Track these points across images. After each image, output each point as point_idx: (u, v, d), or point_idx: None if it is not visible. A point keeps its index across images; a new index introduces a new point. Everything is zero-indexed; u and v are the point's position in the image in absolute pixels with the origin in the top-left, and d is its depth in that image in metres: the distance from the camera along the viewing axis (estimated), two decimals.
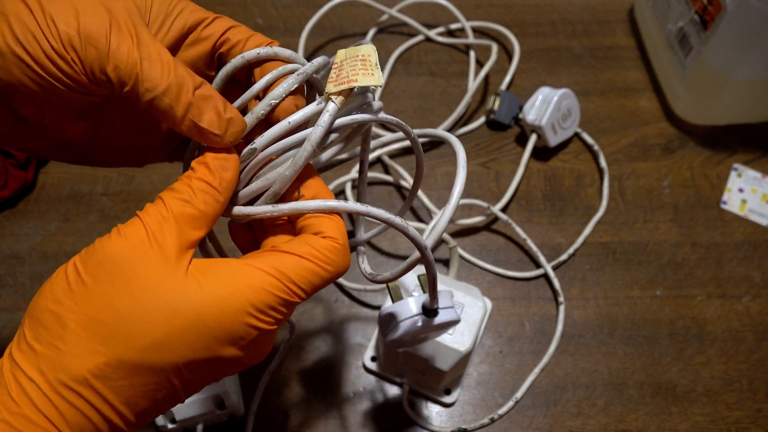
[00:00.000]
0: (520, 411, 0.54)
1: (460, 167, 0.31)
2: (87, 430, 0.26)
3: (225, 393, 0.48)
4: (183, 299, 0.26)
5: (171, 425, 0.48)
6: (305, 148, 0.29)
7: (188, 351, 0.26)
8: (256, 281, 0.27)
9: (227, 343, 0.27)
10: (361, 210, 0.29)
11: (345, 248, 0.29)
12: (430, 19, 0.74)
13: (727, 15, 0.57)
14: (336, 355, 0.55)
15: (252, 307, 0.27)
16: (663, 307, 0.58)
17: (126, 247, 0.26)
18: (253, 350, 0.28)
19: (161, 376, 0.26)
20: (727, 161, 0.65)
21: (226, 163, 0.29)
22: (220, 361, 0.27)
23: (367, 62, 0.29)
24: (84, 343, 0.25)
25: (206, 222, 0.28)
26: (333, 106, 0.29)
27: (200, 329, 0.26)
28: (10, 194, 0.61)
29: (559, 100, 0.63)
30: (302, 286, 0.28)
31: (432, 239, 0.31)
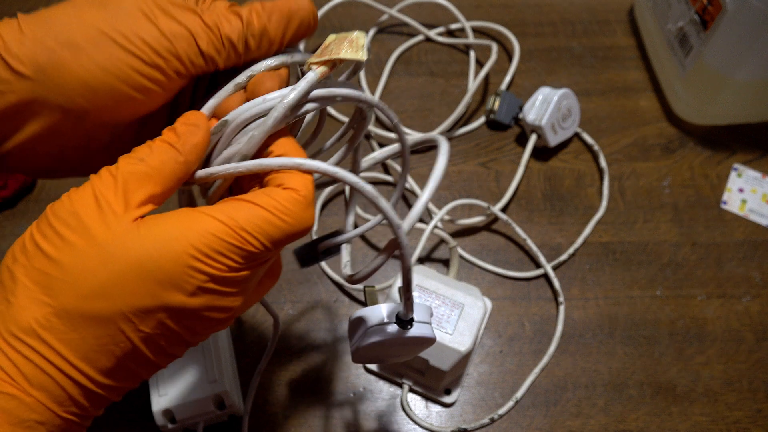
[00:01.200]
0: (520, 411, 0.54)
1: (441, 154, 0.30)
2: (49, 385, 0.26)
3: (225, 393, 0.48)
4: (121, 245, 0.26)
5: (171, 425, 0.48)
6: (277, 108, 0.29)
7: (131, 297, 0.26)
8: (201, 225, 0.27)
9: (171, 288, 0.26)
10: (329, 170, 0.28)
11: (306, 200, 0.29)
12: (430, 19, 0.74)
13: (727, 15, 0.57)
14: (336, 355, 0.55)
15: (195, 250, 0.26)
16: (663, 307, 0.58)
17: (71, 204, 0.27)
18: (211, 301, 0.28)
19: (111, 328, 0.26)
20: (727, 161, 0.65)
21: (194, 128, 0.29)
22: (173, 312, 0.27)
23: (354, 42, 0.29)
24: (30, 294, 0.26)
25: (161, 180, 0.28)
26: (312, 74, 0.29)
27: (139, 273, 0.26)
28: (10, 194, 0.61)
29: (559, 100, 0.63)
30: (256, 235, 0.27)
31: (408, 222, 0.30)
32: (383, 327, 0.34)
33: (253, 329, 0.56)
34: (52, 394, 0.26)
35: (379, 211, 0.29)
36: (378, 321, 0.34)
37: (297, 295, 0.58)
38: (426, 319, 0.35)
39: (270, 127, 0.29)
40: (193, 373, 0.48)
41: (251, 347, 0.55)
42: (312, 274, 0.59)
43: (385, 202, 0.29)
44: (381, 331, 0.34)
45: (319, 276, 0.59)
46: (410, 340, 0.34)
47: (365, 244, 0.61)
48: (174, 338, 0.28)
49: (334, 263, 0.59)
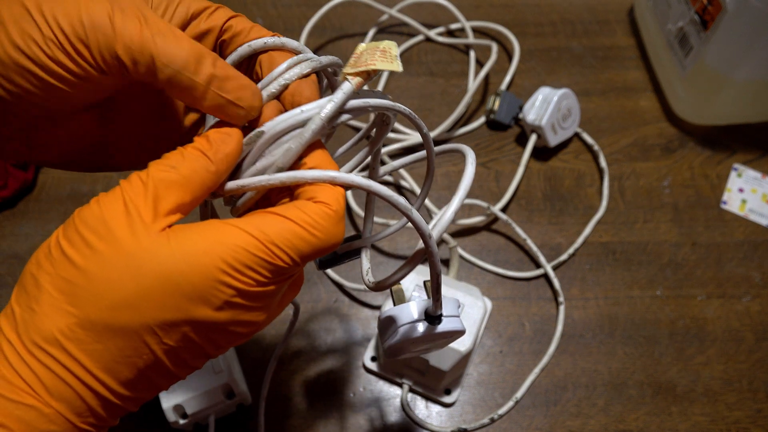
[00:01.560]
0: (520, 411, 0.54)
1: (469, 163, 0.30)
2: (69, 396, 0.25)
3: (233, 381, 0.49)
4: (150, 257, 0.25)
5: (183, 420, 0.48)
6: (314, 120, 0.28)
7: (157, 310, 0.25)
8: (231, 239, 0.26)
9: (199, 302, 0.26)
10: (362, 184, 0.28)
11: (337, 215, 0.28)
12: (430, 19, 0.74)
13: (727, 15, 0.57)
14: (336, 355, 0.55)
15: (225, 264, 0.26)
16: (663, 307, 0.58)
17: (100, 211, 0.26)
18: (236, 316, 0.27)
19: (135, 340, 0.26)
20: (727, 161, 0.65)
21: (227, 137, 0.28)
22: (198, 326, 0.26)
23: (387, 53, 0.29)
24: (55, 303, 0.25)
25: (191, 189, 0.27)
26: (348, 85, 0.29)
27: (168, 286, 0.25)
28: (10, 194, 0.61)
29: (559, 100, 0.63)
30: (285, 249, 0.27)
31: (438, 230, 0.30)
32: (414, 325, 0.35)
33: None
34: (72, 405, 0.26)
35: (412, 223, 0.29)
36: (408, 319, 0.35)
37: (297, 295, 0.58)
38: (454, 312, 0.36)
39: (308, 140, 0.28)
40: None
41: (254, 344, 0.55)
42: (312, 274, 0.59)
43: (417, 213, 0.29)
44: (412, 329, 0.35)
45: (319, 276, 0.59)
46: (441, 335, 0.35)
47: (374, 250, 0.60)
48: (196, 351, 0.28)
49: None
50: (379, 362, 0.54)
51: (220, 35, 0.31)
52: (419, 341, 0.36)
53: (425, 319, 0.35)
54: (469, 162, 0.31)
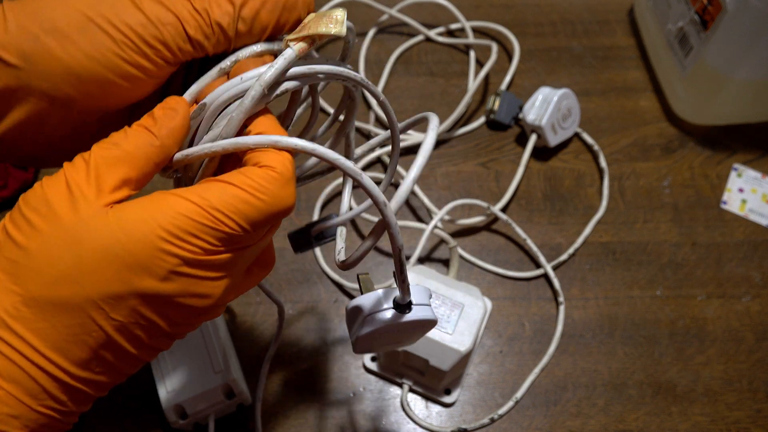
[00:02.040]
0: (520, 411, 0.54)
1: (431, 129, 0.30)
2: (20, 377, 0.25)
3: (233, 381, 0.48)
4: (89, 229, 0.25)
5: (182, 420, 0.48)
6: (254, 87, 0.28)
7: (99, 283, 0.25)
8: (171, 206, 0.26)
9: (142, 272, 0.25)
10: (306, 147, 0.27)
11: (283, 177, 0.27)
12: (430, 19, 0.74)
13: (727, 15, 0.57)
14: (336, 355, 0.55)
15: (165, 232, 0.25)
16: (663, 307, 0.58)
17: (42, 191, 0.26)
18: (186, 287, 0.27)
19: (81, 316, 0.25)
20: (727, 161, 0.65)
21: (172, 112, 0.28)
22: (146, 299, 0.26)
23: (333, 18, 0.29)
24: (1, 284, 0.25)
25: (135, 164, 0.27)
26: (290, 51, 0.28)
27: (107, 258, 0.25)
28: (10, 194, 0.61)
29: (559, 100, 0.63)
30: (230, 215, 0.26)
31: (396, 200, 0.28)
32: (381, 313, 0.32)
33: (253, 329, 0.56)
34: (24, 386, 0.25)
35: (363, 189, 0.27)
36: (375, 308, 0.32)
37: (297, 295, 0.58)
38: (425, 300, 0.33)
39: (248, 107, 0.28)
40: (198, 365, 0.49)
41: (252, 345, 0.55)
42: (312, 274, 0.59)
43: (368, 179, 0.27)
44: (379, 317, 0.32)
45: (319, 276, 0.59)
46: (411, 325, 0.33)
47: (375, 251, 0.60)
48: (152, 328, 0.27)
49: (332, 260, 0.59)
50: (379, 362, 0.54)
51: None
52: (389, 332, 0.33)
53: (393, 308, 0.32)
54: (430, 128, 0.30)
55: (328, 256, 0.59)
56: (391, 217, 0.28)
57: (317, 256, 0.59)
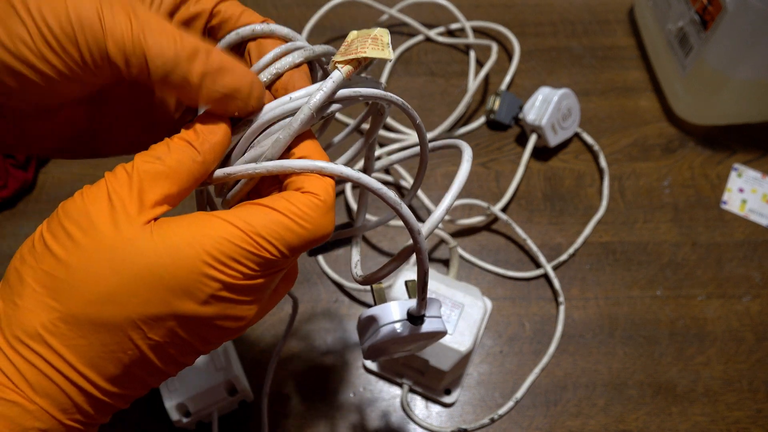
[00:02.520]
0: (520, 411, 0.54)
1: (465, 160, 0.30)
2: (53, 392, 0.25)
3: (235, 378, 0.49)
4: (133, 250, 0.25)
5: (186, 419, 0.48)
6: (303, 110, 0.28)
7: (141, 305, 0.25)
8: (216, 230, 0.25)
9: (184, 296, 0.25)
10: (352, 175, 0.27)
11: (326, 205, 0.27)
12: (430, 19, 0.74)
13: (727, 15, 0.57)
14: (336, 355, 0.55)
15: (209, 257, 0.25)
16: (663, 307, 0.58)
17: (83, 203, 0.26)
18: (224, 310, 0.27)
19: (119, 335, 0.25)
20: (727, 161, 0.65)
21: (214, 128, 0.28)
22: (184, 320, 0.26)
23: (378, 40, 0.28)
24: (38, 297, 0.25)
25: (178, 180, 0.27)
26: (338, 74, 0.28)
27: (151, 280, 0.25)
28: (10, 194, 0.61)
29: (559, 100, 0.63)
30: (272, 241, 0.26)
31: (428, 227, 0.29)
32: (395, 325, 0.34)
33: (253, 329, 0.56)
34: (57, 401, 0.25)
35: (401, 218, 0.28)
36: (389, 319, 0.34)
37: (297, 295, 0.58)
38: (436, 313, 0.35)
39: (296, 129, 0.28)
40: (200, 363, 0.49)
41: (252, 344, 0.55)
42: (312, 274, 0.59)
43: (406, 209, 0.28)
44: (394, 329, 0.34)
45: (319, 276, 0.59)
46: (422, 336, 0.34)
47: (366, 245, 0.61)
48: (185, 347, 0.27)
49: (334, 263, 0.59)
50: (379, 362, 0.54)
51: (209, 20, 0.30)
52: (401, 342, 0.35)
53: (407, 319, 0.34)
54: (465, 159, 0.30)
55: (329, 257, 0.59)
56: (423, 243, 0.29)
57: (317, 257, 0.59)
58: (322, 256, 0.59)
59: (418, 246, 0.29)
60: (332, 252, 0.38)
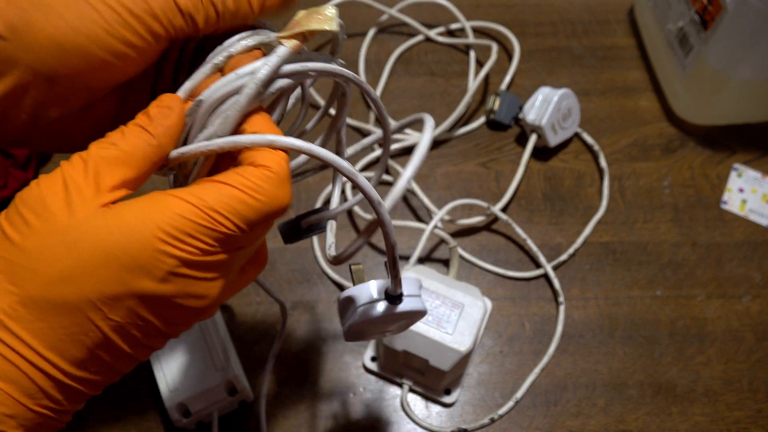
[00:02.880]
0: (520, 411, 0.54)
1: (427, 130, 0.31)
2: (17, 377, 0.25)
3: (235, 378, 0.49)
4: (87, 229, 0.25)
5: (185, 419, 0.48)
6: (249, 85, 0.28)
7: (97, 284, 0.25)
8: (168, 207, 0.26)
9: (140, 274, 0.26)
10: (302, 147, 0.27)
11: (279, 177, 0.28)
12: (430, 19, 0.74)
13: (727, 15, 0.57)
14: (336, 355, 0.55)
15: (163, 233, 0.26)
16: (663, 307, 0.58)
17: (39, 190, 0.26)
18: (184, 287, 0.27)
19: (78, 316, 0.25)
20: (727, 161, 0.65)
21: (167, 111, 0.28)
22: (144, 299, 0.26)
23: (324, 15, 0.29)
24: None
25: (133, 164, 0.27)
26: (283, 48, 0.28)
27: (105, 259, 0.25)
28: (10, 194, 0.61)
29: (559, 100, 0.63)
30: (227, 215, 0.26)
31: (391, 199, 0.29)
32: (373, 305, 0.33)
33: (253, 329, 0.56)
34: (21, 386, 0.25)
35: (358, 188, 0.28)
36: (367, 299, 0.33)
37: (297, 295, 0.58)
38: (415, 291, 0.34)
39: (243, 105, 0.28)
40: (200, 363, 0.49)
41: (252, 344, 0.55)
42: (312, 274, 0.59)
43: (363, 178, 0.28)
44: (371, 309, 0.33)
45: (319, 276, 0.59)
46: (401, 315, 0.34)
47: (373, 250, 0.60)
48: (148, 328, 0.27)
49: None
50: (379, 362, 0.54)
51: None
52: (380, 322, 0.34)
53: (385, 299, 0.33)
54: (426, 129, 0.30)
55: None
56: (385, 215, 0.28)
57: (317, 256, 0.59)
58: (322, 255, 0.59)
59: (381, 218, 0.28)
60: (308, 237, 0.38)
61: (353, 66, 0.71)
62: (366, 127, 0.66)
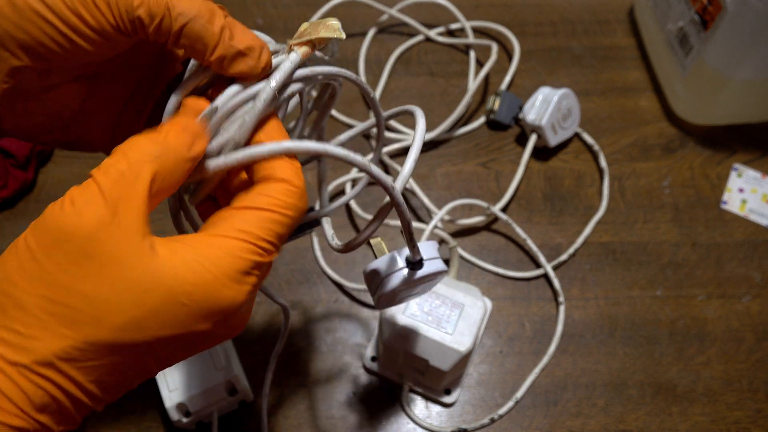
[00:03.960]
0: (520, 411, 0.54)
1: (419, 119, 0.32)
2: (51, 408, 0.25)
3: (235, 378, 0.49)
4: (152, 278, 0.25)
5: (186, 419, 0.48)
6: (265, 90, 0.29)
7: (161, 329, 0.25)
8: (224, 250, 0.26)
9: (203, 319, 0.26)
10: (318, 149, 0.28)
11: (301, 190, 0.28)
12: (430, 19, 0.74)
13: (727, 15, 0.57)
14: (336, 355, 0.55)
15: (227, 278, 0.26)
16: (663, 307, 0.58)
17: (78, 219, 0.25)
18: (230, 322, 0.27)
19: (133, 355, 0.25)
20: (727, 161, 0.65)
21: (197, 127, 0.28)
22: (194, 336, 0.26)
23: (329, 25, 0.30)
24: (47, 326, 0.24)
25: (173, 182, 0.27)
26: (295, 54, 0.29)
27: (173, 307, 0.25)
28: (10, 194, 0.61)
29: (559, 100, 0.63)
30: (270, 240, 0.27)
31: (400, 181, 0.31)
32: (397, 273, 0.35)
33: (253, 329, 0.56)
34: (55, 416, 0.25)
35: (372, 177, 0.29)
36: (391, 269, 0.36)
37: (297, 295, 0.58)
38: (434, 254, 0.37)
39: (260, 110, 0.28)
40: (200, 363, 0.49)
41: (252, 344, 0.55)
42: (312, 274, 0.59)
43: (376, 168, 0.29)
44: (396, 277, 0.36)
45: (319, 276, 0.59)
46: (425, 278, 0.36)
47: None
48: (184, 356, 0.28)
49: (334, 263, 0.59)
50: (379, 362, 0.54)
51: None
52: (406, 287, 0.36)
53: (407, 266, 0.35)
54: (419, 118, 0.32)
55: (329, 257, 0.59)
56: (398, 197, 0.30)
57: (317, 256, 0.59)
58: (322, 255, 0.59)
59: (396, 200, 0.30)
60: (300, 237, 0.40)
61: (353, 66, 0.71)
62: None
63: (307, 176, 0.60)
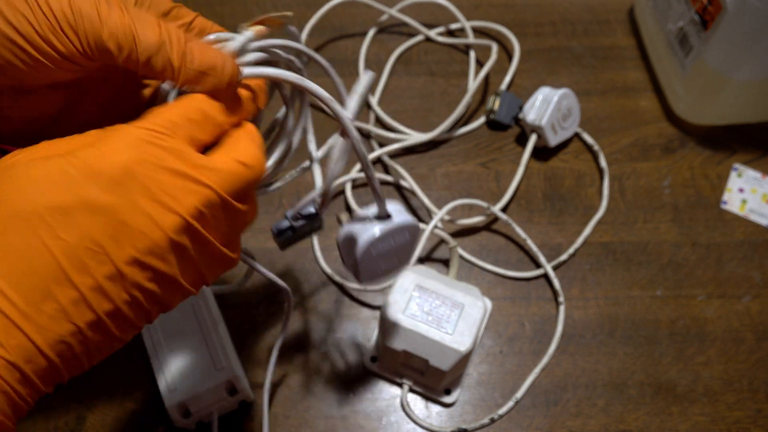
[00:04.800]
0: (520, 411, 0.54)
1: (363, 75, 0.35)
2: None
3: (235, 378, 0.49)
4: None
5: (186, 419, 0.48)
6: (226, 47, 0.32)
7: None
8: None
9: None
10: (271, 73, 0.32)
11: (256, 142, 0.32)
12: (430, 19, 0.74)
13: (727, 15, 0.57)
14: (336, 355, 0.55)
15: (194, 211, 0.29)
16: (663, 307, 0.58)
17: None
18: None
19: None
20: (727, 161, 0.65)
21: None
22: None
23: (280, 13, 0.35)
24: None
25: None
26: (248, 32, 0.33)
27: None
28: None
29: (559, 100, 0.63)
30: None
31: (351, 109, 0.33)
32: (369, 229, 0.37)
33: (252, 329, 0.56)
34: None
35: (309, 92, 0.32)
36: (362, 226, 0.37)
37: (297, 295, 0.58)
38: (401, 209, 0.39)
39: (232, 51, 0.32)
40: (200, 363, 0.49)
41: (252, 344, 0.55)
42: (312, 274, 0.59)
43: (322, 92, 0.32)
44: (367, 231, 0.37)
45: (319, 276, 0.59)
46: (397, 233, 0.38)
47: None
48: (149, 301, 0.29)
49: (334, 263, 0.59)
50: (379, 362, 0.54)
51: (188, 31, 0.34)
52: (383, 247, 0.38)
53: (376, 220, 0.38)
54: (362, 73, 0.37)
55: (329, 257, 0.59)
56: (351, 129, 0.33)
57: (317, 257, 0.59)
58: (322, 255, 0.59)
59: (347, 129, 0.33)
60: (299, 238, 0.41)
61: (353, 66, 0.71)
62: (366, 127, 0.66)
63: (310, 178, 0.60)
